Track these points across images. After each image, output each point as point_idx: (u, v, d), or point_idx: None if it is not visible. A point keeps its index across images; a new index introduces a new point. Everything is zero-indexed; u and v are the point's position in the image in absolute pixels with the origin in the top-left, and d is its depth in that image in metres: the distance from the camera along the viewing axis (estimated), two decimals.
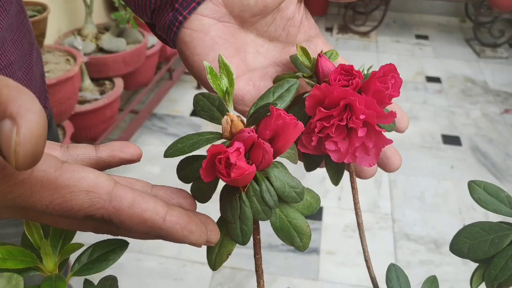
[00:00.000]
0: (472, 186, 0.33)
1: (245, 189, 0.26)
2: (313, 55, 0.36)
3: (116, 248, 0.27)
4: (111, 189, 0.24)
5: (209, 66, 0.26)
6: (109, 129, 1.52)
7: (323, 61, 0.35)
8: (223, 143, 0.27)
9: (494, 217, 0.45)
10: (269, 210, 0.27)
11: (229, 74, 0.27)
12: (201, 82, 0.36)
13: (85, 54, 1.50)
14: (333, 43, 2.64)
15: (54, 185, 0.21)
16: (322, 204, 1.58)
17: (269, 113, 0.26)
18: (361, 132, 0.30)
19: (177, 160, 0.31)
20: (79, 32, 1.61)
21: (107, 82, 1.54)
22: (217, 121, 0.28)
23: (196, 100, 0.30)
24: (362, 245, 0.36)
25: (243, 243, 0.28)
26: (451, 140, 1.92)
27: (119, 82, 1.53)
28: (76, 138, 1.44)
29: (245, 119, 0.28)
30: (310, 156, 0.35)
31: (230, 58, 0.36)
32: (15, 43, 0.48)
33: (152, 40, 1.78)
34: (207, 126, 1.93)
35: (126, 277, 1.39)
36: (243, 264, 1.40)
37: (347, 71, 0.32)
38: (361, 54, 2.53)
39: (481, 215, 1.59)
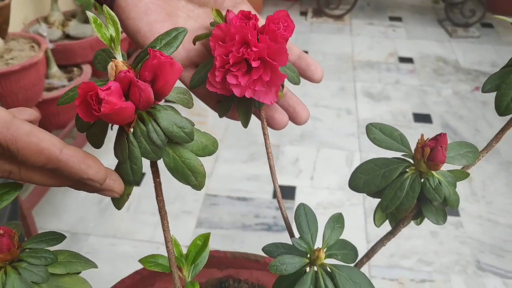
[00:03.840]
0: (369, 128, 0.35)
1: (130, 129, 0.28)
2: None
3: (10, 190, 0.28)
4: (9, 119, 0.25)
5: (92, 16, 0.27)
6: None
7: (230, 14, 0.38)
8: None
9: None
10: (158, 150, 0.28)
11: (115, 23, 0.28)
12: (135, 43, 0.40)
13: (51, 41, 1.50)
14: (307, 27, 2.66)
15: None
16: (295, 183, 1.60)
17: (148, 56, 0.27)
18: (254, 64, 0.32)
19: None
20: (45, 19, 1.60)
21: (75, 68, 1.53)
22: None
23: (96, 55, 0.32)
24: (274, 186, 0.38)
25: (135, 182, 0.29)
26: (422, 118, 1.95)
27: (87, 69, 1.53)
28: (45, 125, 1.44)
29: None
30: (222, 102, 0.37)
31: (162, 22, 0.39)
32: None
33: None
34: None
35: (101, 262, 1.39)
36: (221, 247, 1.42)
37: (245, 16, 0.35)
38: (335, 37, 2.55)
39: None
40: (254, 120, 0.39)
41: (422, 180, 0.32)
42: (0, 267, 0.26)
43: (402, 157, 0.33)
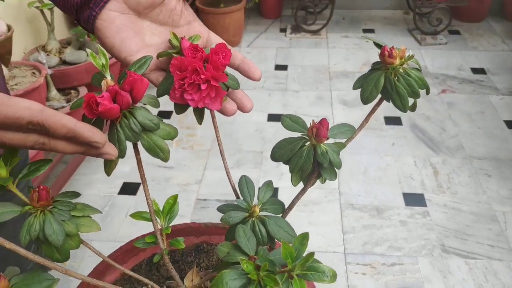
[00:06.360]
0: (283, 118, 0.51)
1: (118, 121, 0.43)
2: (192, 34, 0.54)
3: (44, 163, 0.43)
4: (42, 108, 0.39)
5: (90, 52, 0.44)
6: None
7: (184, 42, 0.51)
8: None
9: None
10: (137, 135, 0.44)
11: (104, 55, 0.44)
12: (112, 55, 0.52)
13: (50, 67, 1.66)
14: (287, 43, 2.84)
15: (5, 104, 0.37)
16: (277, 185, 1.75)
17: (127, 75, 0.43)
18: (203, 86, 0.47)
19: (146, 158, 0.47)
20: (43, 48, 1.77)
21: (72, 91, 1.70)
22: None
23: (93, 76, 0.47)
24: (224, 163, 0.53)
25: (121, 156, 0.44)
26: (393, 120, 2.12)
27: (83, 90, 1.69)
28: None
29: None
30: (178, 105, 0.52)
31: (131, 38, 0.51)
32: None
33: None
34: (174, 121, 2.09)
35: None
36: None
37: (194, 48, 0.50)
38: (313, 51, 2.73)
39: (417, 182, 1.79)
40: (238, 131, 0.54)
41: (315, 150, 0.48)
42: (40, 210, 0.42)
43: (303, 136, 0.49)
